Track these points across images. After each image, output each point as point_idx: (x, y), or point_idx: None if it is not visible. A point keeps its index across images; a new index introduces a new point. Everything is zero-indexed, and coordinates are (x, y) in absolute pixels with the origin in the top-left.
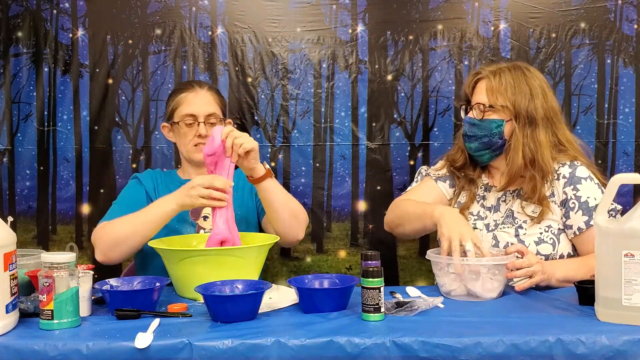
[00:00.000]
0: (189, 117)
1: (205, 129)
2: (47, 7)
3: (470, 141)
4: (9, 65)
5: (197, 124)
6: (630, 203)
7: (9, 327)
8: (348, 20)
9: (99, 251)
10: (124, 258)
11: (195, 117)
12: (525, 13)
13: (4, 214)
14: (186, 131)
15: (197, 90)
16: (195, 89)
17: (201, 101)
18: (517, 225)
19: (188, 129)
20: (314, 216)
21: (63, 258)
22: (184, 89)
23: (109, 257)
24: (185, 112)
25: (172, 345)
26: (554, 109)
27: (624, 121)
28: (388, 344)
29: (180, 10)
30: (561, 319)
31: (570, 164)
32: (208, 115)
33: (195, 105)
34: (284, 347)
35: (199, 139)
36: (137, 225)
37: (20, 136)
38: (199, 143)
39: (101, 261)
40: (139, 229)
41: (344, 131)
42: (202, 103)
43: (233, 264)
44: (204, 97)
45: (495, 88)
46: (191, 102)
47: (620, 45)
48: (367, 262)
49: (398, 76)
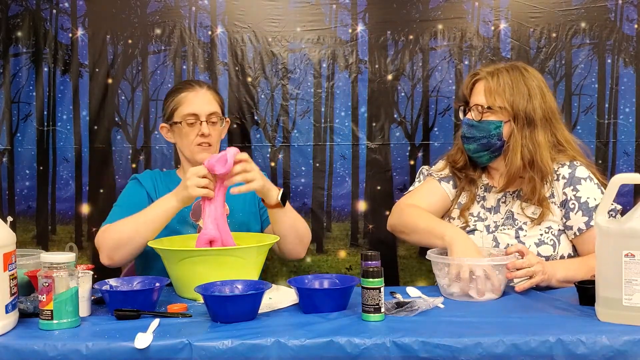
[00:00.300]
0: (190, 117)
1: (208, 128)
2: (47, 6)
3: (468, 143)
4: (9, 65)
5: (199, 123)
6: (631, 203)
7: (9, 327)
8: (348, 20)
9: (104, 254)
10: (129, 260)
11: (197, 117)
12: (525, 13)
13: (4, 214)
14: (188, 131)
15: (197, 89)
16: (195, 88)
17: (202, 100)
18: (517, 226)
19: (190, 128)
20: (314, 216)
21: (63, 258)
22: (183, 89)
23: (114, 259)
24: (187, 112)
25: (172, 345)
26: (552, 109)
27: (624, 121)
28: (388, 345)
29: (180, 10)
30: (561, 319)
31: (570, 164)
32: (210, 114)
33: (197, 104)
34: (284, 348)
35: (201, 139)
36: (139, 226)
37: (20, 136)
38: (202, 142)
39: (107, 264)
40: (142, 229)
41: (344, 131)
42: (203, 102)
43: (233, 264)
44: (204, 96)
45: (493, 89)
46: (192, 102)
47: (620, 45)
48: (367, 262)
49: (398, 76)
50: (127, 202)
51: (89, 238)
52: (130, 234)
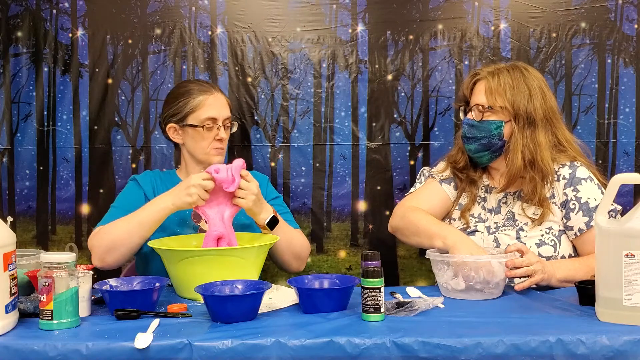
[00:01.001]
0: (209, 121)
1: (225, 132)
2: (47, 6)
3: (469, 143)
4: (9, 65)
5: (216, 127)
6: (630, 203)
7: (9, 328)
8: (348, 19)
9: (96, 256)
10: (121, 262)
11: (216, 121)
12: (525, 13)
13: (4, 214)
14: (205, 135)
15: (215, 93)
16: (213, 92)
17: (220, 104)
18: (518, 227)
19: (208, 133)
20: (314, 216)
21: (62, 258)
22: (198, 91)
23: (106, 261)
24: (207, 116)
25: (172, 345)
26: (552, 109)
27: (624, 121)
28: (388, 345)
29: (180, 10)
30: (561, 319)
31: (570, 164)
32: (226, 118)
33: (216, 109)
34: (284, 348)
35: (218, 143)
36: (132, 227)
37: (20, 136)
38: (218, 147)
39: (99, 267)
40: (135, 231)
41: (344, 131)
42: (221, 106)
43: (233, 264)
44: (221, 101)
45: (494, 89)
46: (212, 106)
47: (620, 45)
48: (367, 262)
49: (398, 76)
50: (123, 203)
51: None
52: (123, 236)
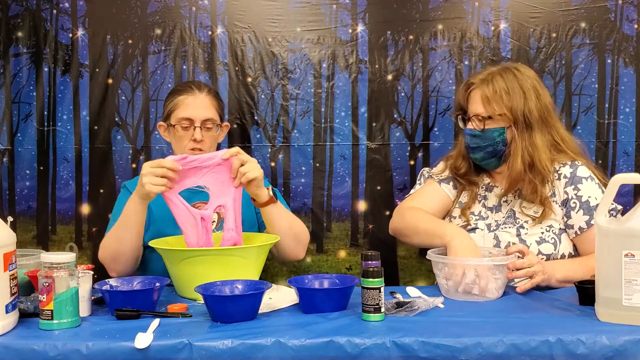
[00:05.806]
0: (185, 121)
1: (201, 133)
2: (47, 7)
3: (474, 152)
4: (9, 65)
5: (193, 128)
6: (631, 203)
7: (9, 327)
8: (348, 20)
9: (110, 270)
10: (131, 267)
11: (192, 121)
12: (525, 13)
13: (4, 214)
14: (182, 135)
15: (196, 93)
16: (194, 93)
17: (199, 105)
18: (518, 225)
19: (184, 132)
20: (314, 216)
21: (63, 258)
22: (182, 91)
23: (119, 271)
24: (182, 116)
25: (172, 345)
26: (547, 108)
27: (624, 121)
28: (388, 344)
29: (180, 10)
30: (561, 319)
31: (571, 164)
32: (205, 120)
33: (192, 109)
34: (284, 347)
35: (194, 144)
36: (120, 232)
37: (20, 136)
38: (194, 147)
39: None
40: (124, 235)
41: (344, 131)
42: (200, 107)
43: (233, 264)
44: (202, 101)
45: (490, 97)
46: (189, 106)
47: (620, 45)
48: (367, 262)
49: (398, 76)
50: (117, 213)
51: (89, 238)
52: (117, 244)
